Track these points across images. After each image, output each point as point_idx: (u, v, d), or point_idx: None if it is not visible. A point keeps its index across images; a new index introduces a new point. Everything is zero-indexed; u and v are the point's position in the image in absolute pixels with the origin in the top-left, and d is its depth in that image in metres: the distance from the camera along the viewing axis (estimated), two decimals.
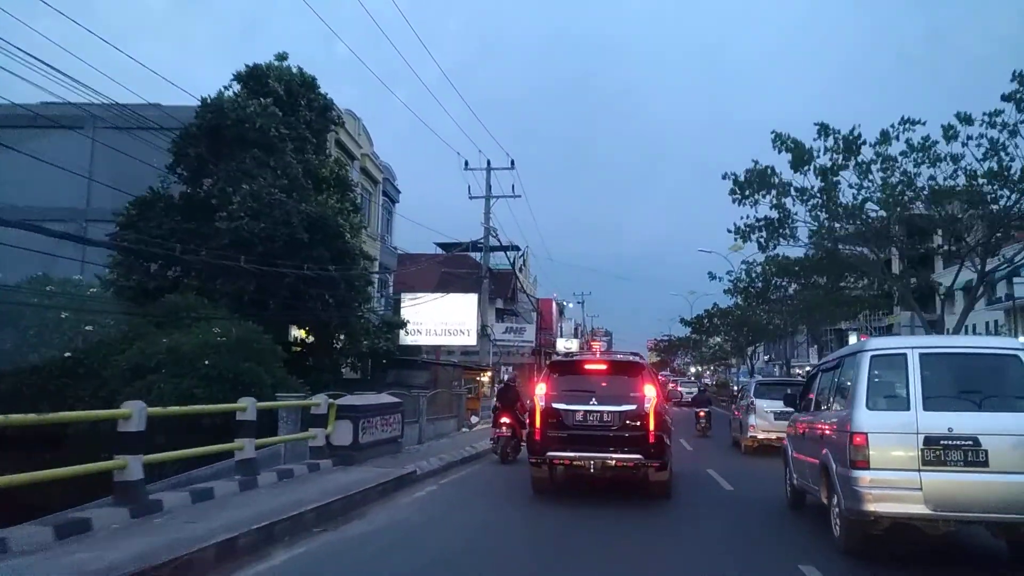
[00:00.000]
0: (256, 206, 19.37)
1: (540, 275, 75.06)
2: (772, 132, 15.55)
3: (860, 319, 66.00)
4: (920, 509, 6.05)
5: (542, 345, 41.35)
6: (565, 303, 71.88)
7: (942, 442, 6.08)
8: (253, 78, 22.18)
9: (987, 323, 54.25)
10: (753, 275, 27.39)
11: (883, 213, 15.85)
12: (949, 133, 14.07)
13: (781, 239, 16.91)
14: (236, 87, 22.06)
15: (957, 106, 14.33)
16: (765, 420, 16.46)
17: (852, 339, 52.17)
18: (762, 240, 16.81)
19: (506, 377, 24.82)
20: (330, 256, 20.16)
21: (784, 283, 26.74)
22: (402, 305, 28.83)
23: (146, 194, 20.40)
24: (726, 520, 8.64)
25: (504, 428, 14.10)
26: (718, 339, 47.24)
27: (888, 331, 61.69)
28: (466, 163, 27.06)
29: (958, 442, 6.06)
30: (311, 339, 22.91)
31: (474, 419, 23.99)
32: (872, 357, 6.74)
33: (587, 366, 9.94)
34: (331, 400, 10.91)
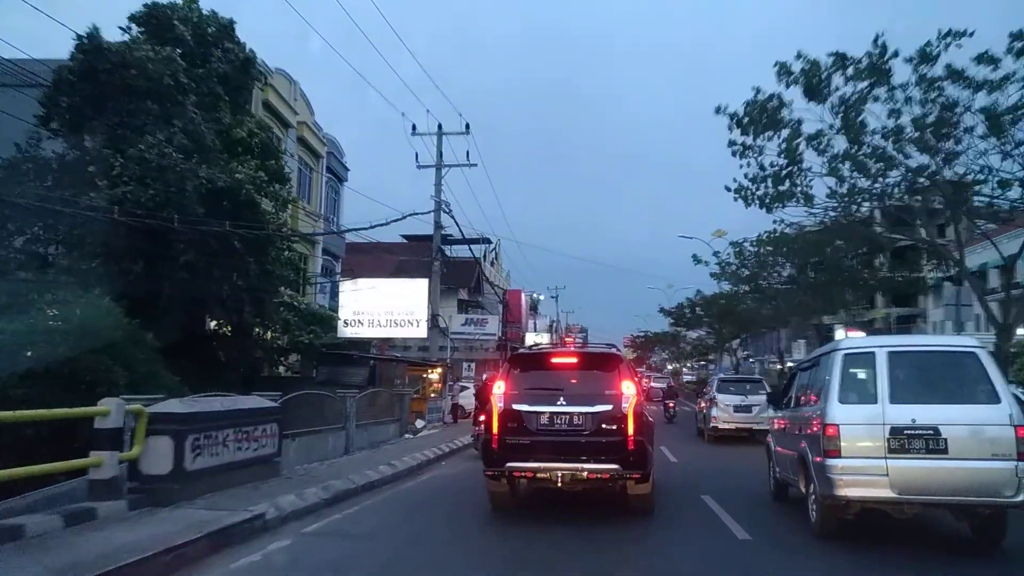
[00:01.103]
0: (140, 169, 15.83)
1: (513, 271, 71.56)
2: (776, 63, 12.25)
3: (841, 313, 63.24)
4: (887, 493, 6.56)
5: (509, 339, 38.02)
6: (535, 294, 68.35)
7: (906, 432, 6.59)
8: (154, 19, 18.62)
9: (977, 315, 51.70)
10: (746, 254, 23.90)
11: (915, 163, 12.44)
12: (1015, 48, 10.81)
13: (792, 200, 13.43)
14: (135, 30, 18.51)
15: None
16: (725, 412, 18.85)
17: (839, 333, 49.43)
18: (769, 194, 13.31)
19: (475, 376, 21.66)
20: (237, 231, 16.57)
21: (781, 262, 23.23)
22: (340, 291, 25.25)
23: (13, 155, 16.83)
24: None
25: (483, 426, 12.88)
26: (700, 332, 43.92)
27: (871, 325, 59.17)
28: (414, 127, 23.60)
29: (920, 432, 6.56)
30: (227, 331, 19.37)
31: (420, 423, 20.57)
32: (844, 355, 7.27)
33: (554, 360, 8.59)
34: (137, 407, 7.38)
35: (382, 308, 23.97)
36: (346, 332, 24.29)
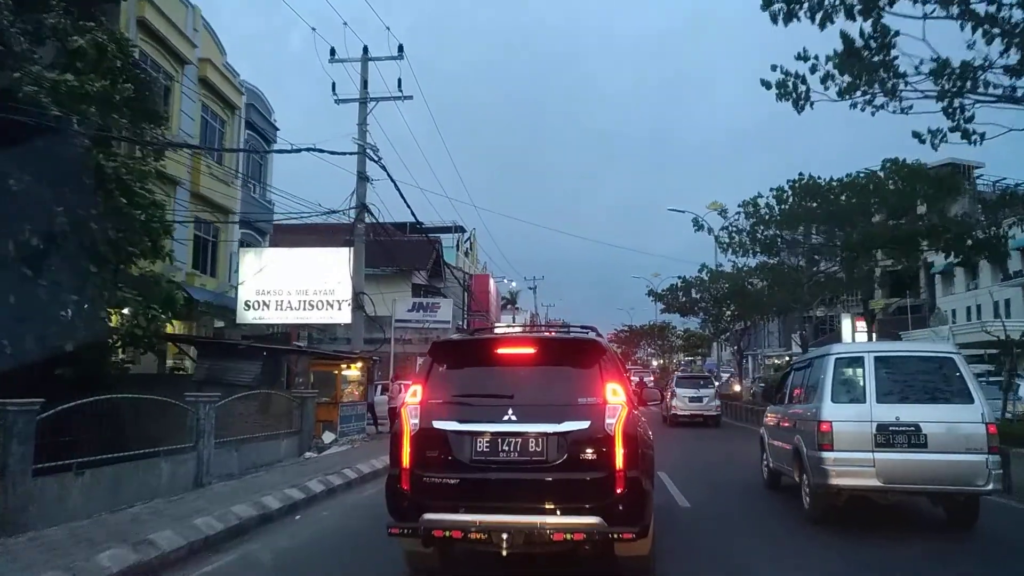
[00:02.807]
0: None
1: (491, 266, 66.41)
2: None
3: (838, 305, 58.52)
4: (873, 482, 7.47)
5: (475, 329, 32.75)
6: (509, 281, 63.12)
7: (891, 428, 7.49)
8: None
9: (996, 303, 47.43)
10: (763, 211, 18.27)
11: None
12: None
13: (878, 82, 7.96)
14: None
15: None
16: (682, 403, 23.58)
17: (846, 323, 44.84)
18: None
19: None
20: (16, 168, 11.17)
21: (799, 225, 17.67)
22: (240, 264, 19.97)
23: None
24: None
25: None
26: (696, 321, 38.49)
27: (871, 317, 54.70)
28: (332, 51, 18.29)
29: (903, 428, 7.46)
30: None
31: (329, 436, 15.38)
32: (836, 359, 8.21)
33: (499, 350, 5.72)
34: None
35: (294, 286, 18.76)
36: (248, 317, 19.08)
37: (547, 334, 7.29)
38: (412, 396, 5.55)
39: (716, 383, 26.94)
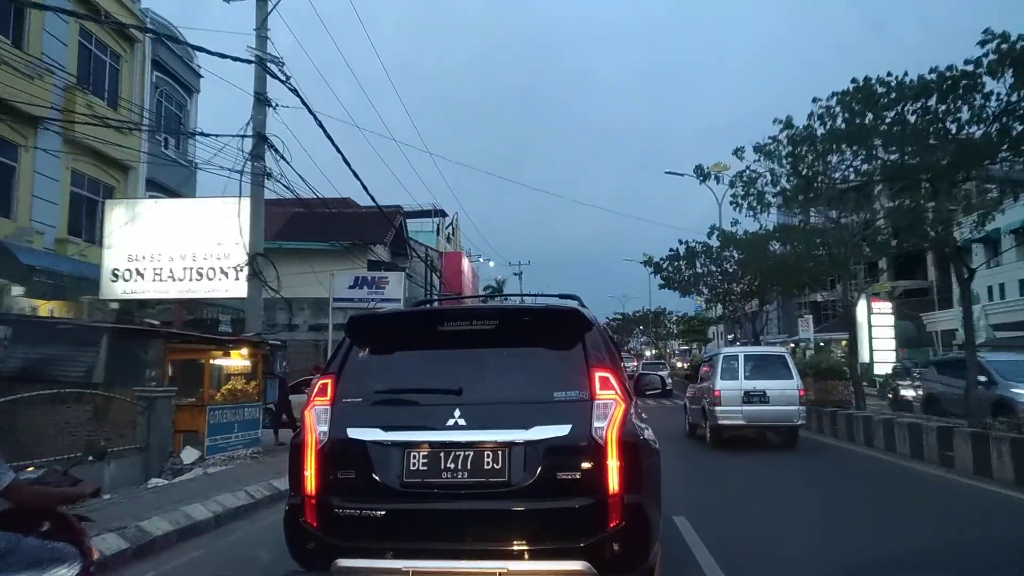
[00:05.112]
0: None
1: (477, 253, 61.88)
2: None
3: (838, 288, 54.67)
4: (741, 422, 13.94)
5: (419, 300, 28.30)
6: (483, 260, 58.57)
7: (751, 393, 13.90)
8: None
9: (1021, 280, 43.74)
10: (799, 134, 13.04)
11: None
12: None
13: None
14: None
15: None
16: None
17: (861, 305, 41.34)
18: None
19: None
20: None
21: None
22: (108, 221, 15.42)
23: None
24: None
25: None
26: (696, 304, 34.19)
27: (876, 299, 51.00)
28: None
29: (757, 393, 13.89)
30: None
31: (191, 453, 10.94)
32: (724, 356, 14.90)
33: (444, 327, 4.17)
34: None
35: (177, 249, 14.33)
36: (116, 290, 14.64)
37: (510, 304, 6.24)
38: (320, 394, 4.01)
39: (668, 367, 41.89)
